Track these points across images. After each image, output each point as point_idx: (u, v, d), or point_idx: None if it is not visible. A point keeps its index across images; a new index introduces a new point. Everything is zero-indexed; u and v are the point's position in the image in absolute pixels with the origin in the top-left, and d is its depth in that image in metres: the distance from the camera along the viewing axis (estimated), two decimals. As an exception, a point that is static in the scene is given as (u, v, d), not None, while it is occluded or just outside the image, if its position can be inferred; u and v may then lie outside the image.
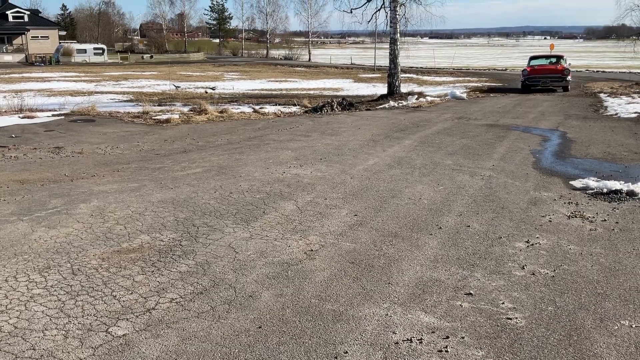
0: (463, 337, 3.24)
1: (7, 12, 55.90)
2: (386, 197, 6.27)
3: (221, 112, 14.68)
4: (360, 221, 5.41)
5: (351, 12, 22.02)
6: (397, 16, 19.08)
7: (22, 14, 56.96)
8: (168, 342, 3.21)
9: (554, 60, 22.93)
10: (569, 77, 20.94)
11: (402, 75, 20.57)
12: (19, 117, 13.57)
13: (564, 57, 23.03)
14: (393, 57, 19.06)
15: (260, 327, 3.36)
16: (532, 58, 23.50)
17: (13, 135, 10.91)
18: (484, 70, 40.10)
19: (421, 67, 42.64)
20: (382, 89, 22.77)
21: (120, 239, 4.94)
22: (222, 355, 3.08)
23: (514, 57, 63.54)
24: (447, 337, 3.23)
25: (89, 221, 5.45)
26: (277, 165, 7.97)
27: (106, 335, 3.28)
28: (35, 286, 3.96)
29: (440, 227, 5.21)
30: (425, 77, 32.28)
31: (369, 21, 21.93)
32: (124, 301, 3.72)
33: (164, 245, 4.80)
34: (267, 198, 6.24)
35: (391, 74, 19.18)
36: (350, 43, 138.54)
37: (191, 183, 6.96)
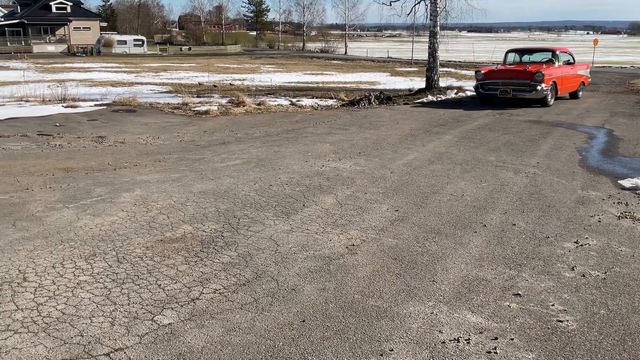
0: (512, 339, 3.15)
1: (50, 3, 57.34)
2: (427, 192, 6.17)
3: (259, 104, 14.74)
4: (401, 217, 5.34)
5: (390, 4, 21.80)
6: (438, 9, 18.79)
7: (65, 5, 58.31)
8: (213, 332, 3.22)
9: (543, 57, 15.92)
10: (543, 86, 13.80)
11: (440, 70, 20.27)
12: (63, 106, 13.89)
13: (559, 54, 15.61)
14: (432, 51, 18.80)
15: (303, 321, 3.34)
16: (511, 52, 16.74)
17: (57, 124, 11.16)
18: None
19: (460, 61, 42.00)
20: (419, 83, 22.50)
21: (163, 229, 4.98)
22: (266, 347, 3.07)
23: (555, 52, 62.04)
24: (496, 338, 3.15)
25: (132, 210, 5.52)
26: (315, 159, 7.94)
27: (152, 324, 3.30)
28: (81, 273, 4.03)
29: (485, 225, 5.09)
30: (464, 72, 31.77)
31: (408, 14, 21.70)
32: (168, 290, 3.75)
33: (206, 235, 4.82)
34: (307, 191, 6.22)
35: (430, 67, 18.92)
36: (387, 36, 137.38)
37: (231, 174, 6.99)
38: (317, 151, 8.48)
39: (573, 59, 16.28)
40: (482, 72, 15.06)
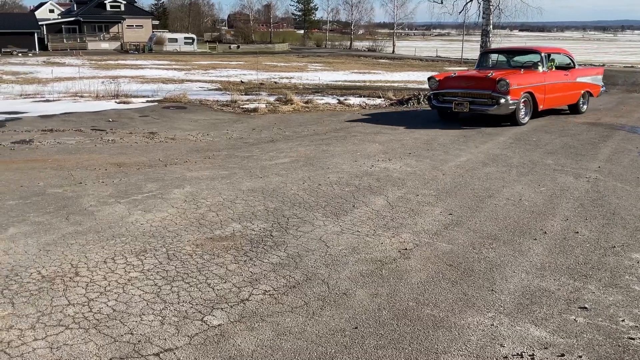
0: (580, 356, 2.94)
1: (105, 2, 59.06)
2: (482, 196, 5.94)
3: (306, 102, 14.68)
4: (455, 221, 5.14)
5: (441, 2, 21.41)
6: (491, 7, 18.32)
7: (119, 4, 59.94)
8: (263, 336, 3.13)
9: (526, 60, 12.12)
10: (508, 99, 10.20)
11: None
12: (116, 102, 14.20)
13: (546, 56, 11.61)
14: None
15: (356, 328, 3.22)
16: (485, 54, 13.29)
17: (110, 120, 11.39)
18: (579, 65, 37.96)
19: (510, 61, 40.93)
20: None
21: (213, 226, 4.95)
22: (318, 354, 2.96)
23: (611, 53, 59.80)
24: (563, 355, 2.94)
25: (182, 207, 5.52)
26: (364, 158, 7.79)
27: (201, 324, 3.25)
28: (132, 269, 4.02)
29: (545, 232, 4.84)
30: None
31: (460, 12, 21.26)
32: (218, 290, 3.69)
33: (255, 234, 4.76)
34: (357, 192, 6.09)
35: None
36: (435, 35, 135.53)
37: (279, 173, 6.93)
38: (366, 151, 8.34)
39: (573, 62, 12.61)
40: (437, 79, 11.38)
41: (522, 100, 10.67)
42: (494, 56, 13.05)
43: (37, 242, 4.51)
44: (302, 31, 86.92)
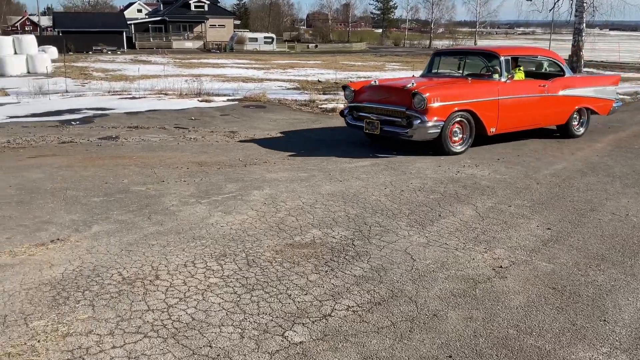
0: None
1: (190, 2, 61.11)
2: (583, 209, 5.44)
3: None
4: (555, 236, 4.69)
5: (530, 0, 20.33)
6: (584, 4, 17.23)
7: (202, 4, 61.84)
8: (348, 358, 2.90)
9: (478, 64, 9.00)
10: (424, 120, 7.42)
11: (583, 70, 18.60)
12: (198, 100, 14.46)
13: (505, 60, 8.39)
14: (576, 50, 17.33)
15: (450, 357, 2.92)
16: (438, 55, 9.80)
17: (193, 118, 11.56)
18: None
19: (602, 61, 38.62)
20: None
21: (292, 232, 4.78)
22: (408, 385, 2.69)
23: None
24: (698, 408, 2.52)
25: (262, 209, 5.39)
26: (449, 164, 7.40)
27: (282, 340, 3.06)
28: (212, 274, 3.91)
29: (661, 254, 4.32)
30: (608, 72, 29.09)
31: (550, 9, 20.18)
32: (299, 302, 3.50)
33: (336, 242, 4.54)
34: (442, 199, 5.75)
35: (573, 67, 17.39)
36: (519, 33, 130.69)
37: (360, 177, 6.69)
38: (453, 156, 7.93)
39: (562, 69, 9.22)
40: (352, 88, 8.64)
41: (455, 121, 7.72)
42: (447, 59, 9.73)
43: (120, 242, 4.50)
44: (379, 30, 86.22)
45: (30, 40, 27.55)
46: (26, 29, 75.89)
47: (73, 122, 10.78)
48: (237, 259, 4.19)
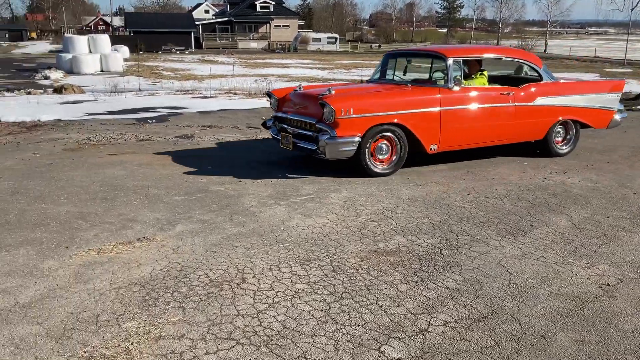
0: None
1: (255, 3, 62.04)
2: (691, 223, 5.00)
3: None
4: (663, 253, 4.32)
5: (609, -3, 19.28)
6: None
7: (268, 5, 62.68)
8: (451, 380, 2.72)
9: (430, 70, 7.56)
10: (333, 135, 6.17)
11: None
12: (267, 100, 14.51)
13: (454, 63, 6.97)
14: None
15: (566, 384, 2.68)
16: (390, 57, 8.15)
17: (263, 118, 11.60)
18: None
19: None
20: (637, 86, 19.79)
21: (375, 238, 4.62)
22: (522, 413, 2.48)
23: None
24: None
25: (342, 213, 5.26)
26: (534, 169, 7.04)
27: (379, 356, 2.90)
28: (298, 280, 3.80)
29: None
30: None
31: (632, 8, 19.10)
32: (391, 314, 3.33)
33: (423, 251, 4.35)
34: (532, 208, 5.43)
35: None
36: (591, 33, 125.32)
37: (439, 181, 6.45)
38: (536, 160, 7.55)
39: (540, 73, 7.61)
40: (276, 96, 7.47)
41: (379, 136, 6.44)
42: (401, 61, 8.02)
43: (204, 242, 4.48)
44: (444, 30, 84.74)
45: (104, 39, 28.67)
46: (99, 28, 79.29)
47: (149, 121, 11.04)
48: (321, 264, 4.08)
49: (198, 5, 79.94)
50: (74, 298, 3.51)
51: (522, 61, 7.85)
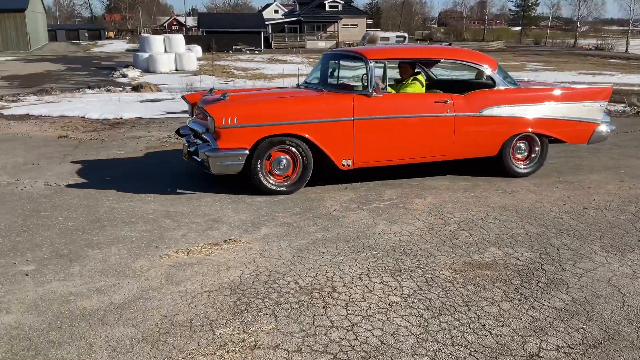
0: None
1: (324, 2, 62.23)
2: None
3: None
4: None
5: None
6: None
7: (337, 4, 62.72)
8: (573, 414, 2.47)
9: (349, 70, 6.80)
10: (215, 149, 5.43)
11: None
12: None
13: (375, 64, 5.92)
14: None
15: None
16: (332, 59, 6.97)
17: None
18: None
19: None
20: None
21: (468, 249, 4.38)
22: None
23: None
24: None
25: (428, 220, 5.05)
26: (633, 178, 6.55)
27: (488, 382, 2.69)
28: (391, 291, 3.64)
29: None
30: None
31: None
32: (496, 335, 3.10)
33: (522, 265, 4.07)
34: (637, 222, 5.02)
35: None
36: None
37: (530, 189, 6.10)
38: (634, 168, 7.04)
39: (492, 77, 6.48)
40: (189, 101, 6.89)
41: (274, 149, 5.66)
42: (332, 64, 6.95)
43: (290, 246, 4.39)
44: (517, 28, 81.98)
45: (179, 39, 29.43)
46: (173, 28, 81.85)
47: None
48: (413, 275, 3.89)
49: (268, 5, 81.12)
50: (166, 300, 3.49)
51: (467, 63, 6.57)
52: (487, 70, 6.50)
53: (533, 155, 6.68)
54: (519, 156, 6.66)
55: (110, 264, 4.05)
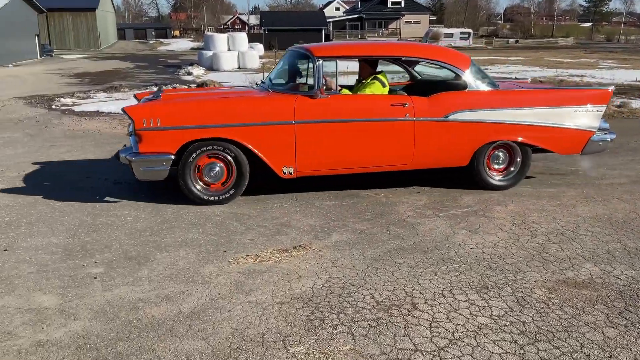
0: None
1: (387, -1, 61.58)
2: None
3: (619, 106, 12.48)
4: None
5: None
6: None
7: (399, 0, 61.80)
8: None
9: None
10: (151, 156, 5.04)
11: None
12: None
13: (324, 63, 5.33)
14: None
15: None
16: (291, 56, 6.20)
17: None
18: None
19: None
20: None
21: (561, 264, 3.98)
22: None
23: None
24: None
25: (512, 230, 4.66)
26: None
27: None
28: (478, 312, 3.30)
29: None
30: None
31: None
32: (605, 369, 2.73)
33: (624, 285, 3.64)
34: None
35: None
36: None
37: (623, 197, 5.58)
38: None
39: (462, 77, 5.66)
40: (138, 99, 6.23)
41: (204, 154, 5.17)
42: (293, 61, 6.17)
43: (363, 256, 4.12)
44: (588, 24, 78.41)
45: (242, 37, 29.70)
46: (236, 27, 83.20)
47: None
48: (502, 293, 3.54)
49: (329, 3, 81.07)
50: (236, 311, 3.30)
51: (431, 61, 5.82)
52: (456, 69, 5.67)
53: (512, 168, 5.86)
54: (497, 167, 5.86)
55: (178, 268, 3.91)
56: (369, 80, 5.86)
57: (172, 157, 5.06)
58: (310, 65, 5.44)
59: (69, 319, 3.21)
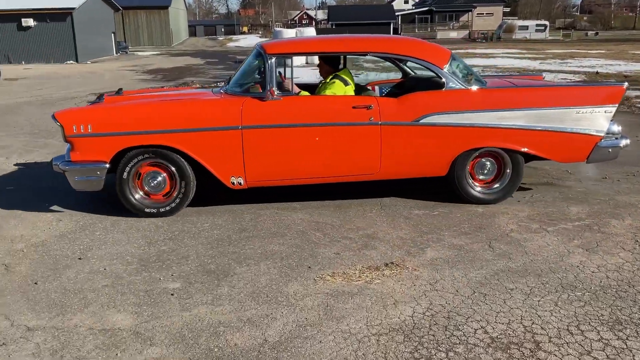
0: None
1: (460, -8, 59.82)
2: None
3: None
4: None
5: None
6: None
7: (475, -8, 59.97)
8: None
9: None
10: (83, 165, 4.68)
11: None
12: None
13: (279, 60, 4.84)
14: None
15: None
16: (254, 54, 5.35)
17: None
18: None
19: None
20: None
21: None
22: None
23: None
24: None
25: (637, 250, 4.02)
26: None
27: None
28: (617, 355, 2.74)
29: None
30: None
31: None
32: None
33: None
34: None
35: None
36: None
37: None
38: None
39: (439, 75, 4.88)
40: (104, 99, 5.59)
41: (145, 163, 4.73)
42: (254, 59, 5.41)
43: (467, 278, 3.62)
44: (676, 14, 73.19)
45: (310, 32, 29.57)
46: (303, 22, 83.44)
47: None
48: (639, 329, 2.96)
49: (397, -5, 79.75)
50: (328, 342, 2.90)
51: (402, 57, 5.26)
52: (430, 65, 4.91)
53: (502, 179, 5.08)
54: (483, 177, 5.10)
55: (260, 286, 3.55)
56: (328, 80, 5.21)
57: (107, 166, 4.66)
58: (262, 64, 4.90)
59: (145, 344, 2.90)
